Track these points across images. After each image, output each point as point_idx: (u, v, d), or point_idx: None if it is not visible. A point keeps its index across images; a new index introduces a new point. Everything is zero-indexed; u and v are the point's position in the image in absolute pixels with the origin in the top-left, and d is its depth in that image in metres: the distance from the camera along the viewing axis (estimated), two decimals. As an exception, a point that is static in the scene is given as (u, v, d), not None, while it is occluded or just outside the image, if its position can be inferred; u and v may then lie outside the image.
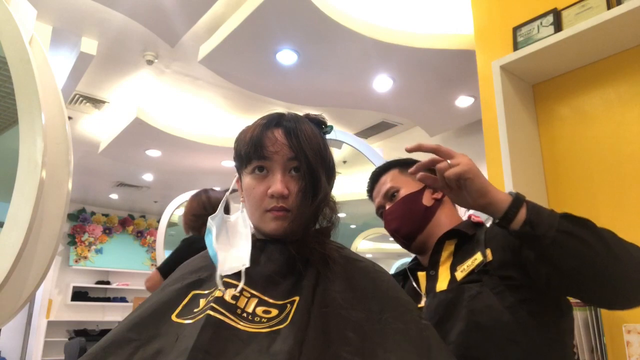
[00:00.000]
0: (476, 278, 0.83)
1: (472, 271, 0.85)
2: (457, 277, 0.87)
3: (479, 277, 0.83)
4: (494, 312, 0.79)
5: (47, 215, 1.32)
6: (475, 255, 0.86)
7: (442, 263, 0.93)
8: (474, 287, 0.82)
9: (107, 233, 7.75)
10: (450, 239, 0.94)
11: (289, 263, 0.69)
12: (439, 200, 1.01)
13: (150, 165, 5.56)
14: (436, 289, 0.89)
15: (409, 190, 1.01)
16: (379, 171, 1.09)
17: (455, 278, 0.87)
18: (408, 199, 1.00)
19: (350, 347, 0.59)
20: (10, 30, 1.28)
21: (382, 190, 1.05)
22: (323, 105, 3.87)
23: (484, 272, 0.83)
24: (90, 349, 0.63)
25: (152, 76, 3.72)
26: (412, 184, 1.02)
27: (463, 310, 0.81)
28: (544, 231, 0.71)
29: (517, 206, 0.74)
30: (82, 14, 2.82)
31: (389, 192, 1.03)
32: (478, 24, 1.85)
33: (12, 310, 1.27)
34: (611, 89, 1.44)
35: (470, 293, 0.82)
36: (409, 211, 1.00)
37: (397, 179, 1.04)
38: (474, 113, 3.83)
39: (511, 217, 0.74)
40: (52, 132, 1.33)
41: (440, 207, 1.01)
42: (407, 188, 1.02)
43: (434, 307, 0.86)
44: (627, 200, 1.35)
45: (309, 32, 2.84)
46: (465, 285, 0.84)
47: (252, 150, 0.72)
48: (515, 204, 0.74)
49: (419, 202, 1.00)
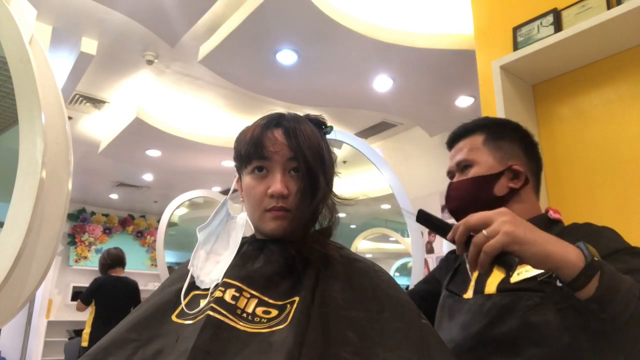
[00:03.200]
0: (537, 287, 0.72)
1: (532, 278, 0.73)
2: (511, 279, 0.76)
3: (540, 287, 0.72)
4: (552, 330, 0.69)
5: (47, 215, 1.32)
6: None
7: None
8: (534, 297, 0.72)
9: (107, 233, 7.75)
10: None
11: (289, 263, 0.69)
12: (515, 190, 0.86)
13: (150, 165, 5.56)
14: (485, 284, 0.80)
15: (483, 169, 0.86)
16: (463, 132, 0.93)
17: (509, 279, 0.77)
18: (478, 181, 0.86)
19: (350, 347, 0.59)
20: (10, 30, 1.27)
21: (457, 157, 0.91)
22: (323, 105, 3.87)
23: (547, 282, 0.71)
24: (90, 349, 0.63)
25: (152, 76, 3.72)
26: (490, 162, 0.87)
27: (517, 320, 0.71)
28: (616, 313, 0.57)
29: (588, 275, 0.58)
30: (82, 14, 2.82)
31: (461, 164, 0.89)
32: (478, 24, 1.85)
33: (12, 310, 1.27)
34: (611, 89, 1.44)
35: (528, 303, 0.72)
36: (475, 197, 0.86)
37: (476, 150, 0.88)
38: (474, 113, 3.80)
39: (578, 287, 0.59)
40: (52, 132, 1.33)
41: (515, 197, 0.86)
42: (483, 166, 0.87)
43: (486, 309, 0.77)
44: (628, 200, 1.35)
45: (309, 32, 2.84)
46: (522, 292, 0.73)
47: (252, 150, 0.72)
48: (586, 272, 0.58)
49: (490, 189, 0.85)
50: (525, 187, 0.87)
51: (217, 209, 0.78)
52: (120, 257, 3.85)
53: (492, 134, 0.89)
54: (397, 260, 9.03)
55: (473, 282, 0.85)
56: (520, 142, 0.91)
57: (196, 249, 0.75)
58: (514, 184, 0.86)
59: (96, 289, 3.64)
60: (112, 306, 3.52)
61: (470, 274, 0.87)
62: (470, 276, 0.87)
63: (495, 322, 0.74)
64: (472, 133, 0.91)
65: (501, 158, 0.87)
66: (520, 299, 0.73)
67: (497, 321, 0.74)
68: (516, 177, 0.87)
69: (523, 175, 0.87)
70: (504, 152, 0.88)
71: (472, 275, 0.86)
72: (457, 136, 0.94)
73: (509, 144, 0.89)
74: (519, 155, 0.89)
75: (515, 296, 0.73)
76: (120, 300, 3.59)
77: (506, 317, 0.73)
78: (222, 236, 0.78)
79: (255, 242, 0.75)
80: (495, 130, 0.90)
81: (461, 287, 0.88)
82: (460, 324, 0.81)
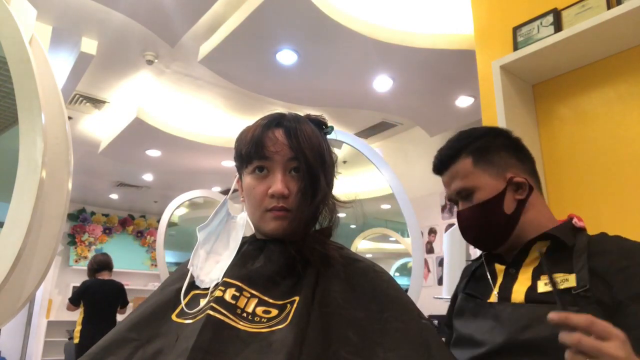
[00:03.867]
0: (572, 301, 0.70)
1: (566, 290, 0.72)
2: (539, 288, 0.75)
3: (575, 301, 0.70)
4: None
5: (47, 215, 1.32)
6: (569, 277, 0.73)
7: (526, 264, 0.81)
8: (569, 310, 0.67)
9: (107, 233, 7.75)
10: (543, 239, 0.81)
11: (289, 263, 0.69)
12: (523, 200, 0.85)
13: (150, 165, 5.56)
14: (512, 291, 0.79)
15: (487, 192, 0.84)
16: (447, 159, 0.90)
17: (536, 288, 0.75)
18: (486, 206, 0.84)
19: (350, 346, 0.59)
20: (10, 30, 1.28)
21: (453, 186, 0.88)
22: (323, 105, 3.87)
23: (584, 296, 0.69)
24: (90, 349, 0.63)
25: (152, 76, 3.72)
26: (490, 182, 0.85)
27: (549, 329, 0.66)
28: None
29: None
30: (82, 14, 2.82)
31: (462, 193, 0.87)
32: (478, 24, 1.85)
33: (12, 310, 1.27)
34: (611, 89, 1.44)
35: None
36: (488, 222, 0.84)
37: (470, 174, 0.86)
38: (474, 113, 3.83)
39: None
40: (52, 132, 1.33)
41: (525, 207, 0.84)
42: (485, 189, 0.85)
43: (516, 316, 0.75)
44: (628, 200, 1.35)
45: (309, 32, 2.84)
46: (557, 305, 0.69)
47: (252, 150, 0.72)
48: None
49: (500, 210, 0.83)
50: (531, 194, 0.86)
51: (217, 208, 0.78)
52: (107, 262, 4.19)
53: (476, 152, 0.87)
54: (397, 260, 9.02)
55: (497, 288, 0.83)
56: (507, 148, 0.89)
57: (196, 249, 0.76)
58: (520, 195, 0.85)
59: (84, 291, 3.95)
60: (99, 306, 3.85)
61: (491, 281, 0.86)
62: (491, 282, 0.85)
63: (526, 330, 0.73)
64: (457, 158, 0.89)
65: (497, 173, 0.86)
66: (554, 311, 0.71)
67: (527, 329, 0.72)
68: (520, 187, 0.85)
69: (525, 184, 0.86)
70: (497, 166, 0.86)
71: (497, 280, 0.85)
72: (443, 164, 0.91)
73: (497, 154, 0.88)
74: (512, 163, 0.88)
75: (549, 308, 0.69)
76: (107, 300, 3.91)
77: (536, 326, 0.71)
78: (222, 236, 0.78)
79: (255, 242, 0.75)
80: (479, 146, 0.88)
81: (483, 291, 0.87)
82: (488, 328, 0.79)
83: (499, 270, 0.85)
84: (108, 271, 4.12)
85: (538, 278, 0.77)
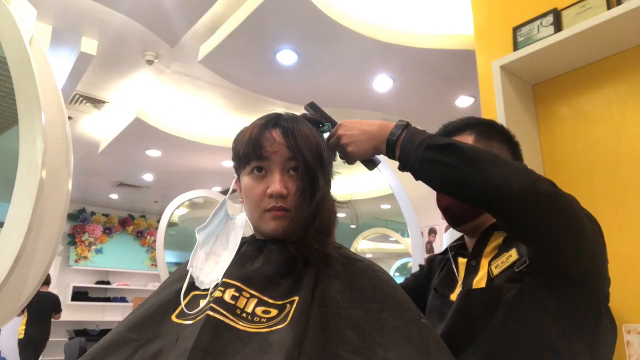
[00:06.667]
0: (516, 277, 0.74)
1: (509, 268, 0.76)
2: (492, 273, 0.78)
3: (519, 277, 0.74)
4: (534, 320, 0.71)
5: (47, 215, 1.32)
6: (511, 252, 0.77)
7: (485, 255, 0.84)
8: (514, 287, 0.73)
9: (107, 233, 7.75)
10: (501, 229, 0.82)
11: (289, 263, 0.69)
12: None
13: (150, 165, 5.56)
14: (473, 284, 0.81)
15: None
16: (452, 129, 0.93)
17: (491, 274, 0.79)
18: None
19: (350, 346, 0.59)
20: (10, 30, 1.28)
21: None
22: (323, 105, 3.82)
23: (526, 272, 0.73)
24: (90, 349, 0.63)
25: (152, 76, 3.72)
26: None
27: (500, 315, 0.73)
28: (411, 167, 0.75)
29: (393, 148, 0.76)
30: (82, 14, 2.82)
31: None
32: (478, 24, 1.85)
33: (12, 310, 1.27)
34: (611, 89, 1.44)
35: (509, 294, 0.73)
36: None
37: None
38: (474, 113, 3.81)
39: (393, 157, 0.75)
40: (52, 132, 1.33)
41: None
42: None
43: (469, 306, 0.78)
44: (627, 200, 1.35)
45: (309, 32, 2.84)
46: (504, 285, 0.75)
47: (250, 151, 0.72)
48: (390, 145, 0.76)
49: None
50: None
51: (216, 209, 0.78)
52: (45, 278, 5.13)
53: (481, 133, 0.90)
54: (397, 260, 9.03)
55: (460, 282, 0.85)
56: (507, 144, 0.92)
57: (195, 250, 0.75)
58: None
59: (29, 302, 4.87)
60: (39, 312, 5.11)
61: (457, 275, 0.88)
62: (457, 277, 0.87)
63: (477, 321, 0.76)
64: (462, 131, 0.92)
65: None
66: (501, 292, 0.74)
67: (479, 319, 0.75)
68: None
69: None
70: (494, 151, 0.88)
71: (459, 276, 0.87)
72: (447, 134, 0.93)
73: (498, 144, 0.90)
74: (507, 157, 0.90)
75: (495, 290, 0.75)
76: (44, 308, 5.16)
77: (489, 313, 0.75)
78: (221, 237, 0.78)
79: (254, 242, 0.75)
80: (484, 130, 0.91)
81: (448, 287, 0.89)
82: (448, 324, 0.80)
83: (462, 264, 0.88)
84: (47, 285, 5.31)
85: (490, 265, 0.80)
